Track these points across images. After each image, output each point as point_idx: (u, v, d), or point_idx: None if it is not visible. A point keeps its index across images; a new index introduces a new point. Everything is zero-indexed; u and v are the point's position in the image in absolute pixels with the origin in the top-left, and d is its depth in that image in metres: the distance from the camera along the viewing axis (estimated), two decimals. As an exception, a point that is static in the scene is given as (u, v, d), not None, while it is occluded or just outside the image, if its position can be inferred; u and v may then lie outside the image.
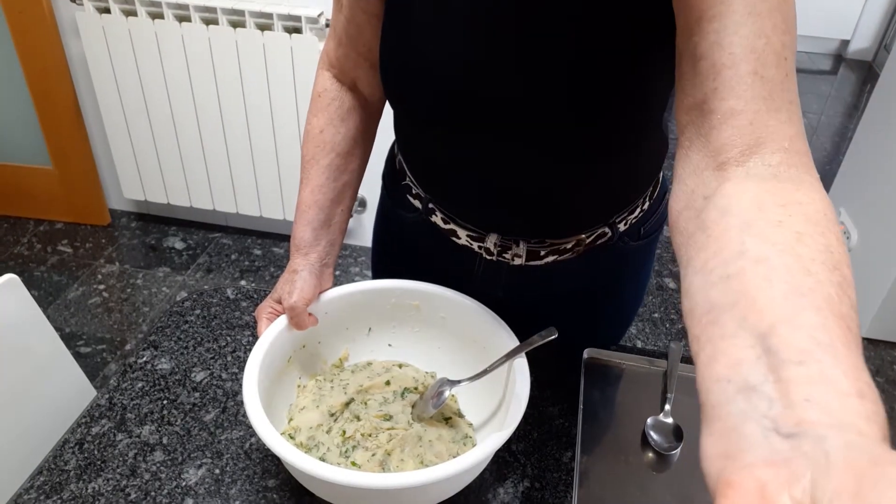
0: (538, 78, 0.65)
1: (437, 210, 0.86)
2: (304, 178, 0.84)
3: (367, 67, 0.81)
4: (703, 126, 0.51)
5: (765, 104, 0.48)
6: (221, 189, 2.34)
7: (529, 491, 0.77)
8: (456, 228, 0.85)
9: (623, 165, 0.77)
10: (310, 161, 0.83)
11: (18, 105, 2.32)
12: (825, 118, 3.67)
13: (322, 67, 0.85)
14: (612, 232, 0.83)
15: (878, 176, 2.20)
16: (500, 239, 0.83)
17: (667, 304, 2.26)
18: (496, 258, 0.85)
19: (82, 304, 2.19)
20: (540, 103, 0.66)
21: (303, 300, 0.79)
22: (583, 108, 0.65)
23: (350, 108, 0.84)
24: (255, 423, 0.67)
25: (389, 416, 0.80)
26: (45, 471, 0.77)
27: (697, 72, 0.51)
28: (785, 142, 0.48)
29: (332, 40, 0.82)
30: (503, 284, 0.89)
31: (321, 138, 0.83)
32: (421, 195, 0.87)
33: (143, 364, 0.92)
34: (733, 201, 0.46)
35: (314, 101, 0.84)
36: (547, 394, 0.89)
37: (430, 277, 0.87)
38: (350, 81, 0.84)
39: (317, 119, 0.84)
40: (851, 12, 4.19)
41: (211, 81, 2.11)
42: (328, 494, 0.70)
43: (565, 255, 0.83)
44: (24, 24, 2.13)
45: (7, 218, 2.58)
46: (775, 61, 0.49)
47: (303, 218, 0.83)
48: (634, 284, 0.96)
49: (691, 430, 0.86)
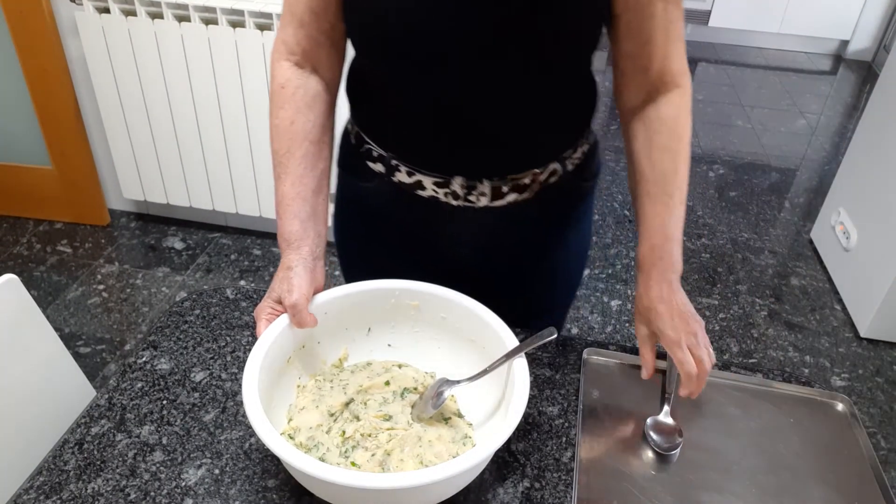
0: (492, 14, 0.73)
1: (401, 164, 0.88)
2: (282, 172, 0.84)
3: (328, 47, 0.85)
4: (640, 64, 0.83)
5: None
6: (221, 189, 2.34)
7: (529, 491, 0.77)
8: (421, 178, 0.88)
9: (567, 101, 0.87)
10: (285, 154, 0.84)
11: (18, 105, 2.31)
12: (825, 118, 3.67)
13: (279, 59, 0.86)
14: (563, 169, 0.90)
15: (877, 176, 2.20)
16: (465, 181, 0.87)
17: (666, 304, 2.26)
18: (463, 202, 0.88)
19: (82, 304, 2.19)
20: (494, 40, 0.74)
21: (303, 297, 0.80)
22: (533, 45, 0.75)
23: (315, 95, 0.86)
24: (255, 424, 0.67)
25: (389, 416, 0.80)
26: (44, 471, 0.77)
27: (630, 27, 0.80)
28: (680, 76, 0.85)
29: (290, 26, 0.84)
30: (469, 238, 0.92)
31: (293, 130, 0.84)
32: (383, 155, 0.89)
33: (143, 364, 0.91)
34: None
35: (277, 94, 0.85)
36: (547, 394, 0.89)
37: (399, 248, 0.91)
38: (311, 66, 0.86)
39: (284, 111, 0.85)
40: (851, 12, 4.20)
41: (210, 81, 2.11)
42: (328, 494, 0.70)
43: (525, 194, 0.89)
44: (24, 24, 2.13)
45: (7, 218, 2.58)
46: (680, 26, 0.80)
47: (288, 211, 0.84)
48: (577, 236, 1.02)
49: (691, 430, 0.86)
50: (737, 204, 2.88)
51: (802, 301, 2.35)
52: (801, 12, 4.23)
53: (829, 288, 2.41)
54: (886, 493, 0.80)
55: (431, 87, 0.80)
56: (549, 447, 0.82)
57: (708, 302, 2.30)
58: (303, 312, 0.79)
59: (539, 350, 0.96)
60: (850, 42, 4.33)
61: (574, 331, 2.13)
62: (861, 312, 2.21)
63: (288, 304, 0.79)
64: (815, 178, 3.12)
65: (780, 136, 3.46)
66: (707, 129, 3.47)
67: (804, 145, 3.38)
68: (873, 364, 2.10)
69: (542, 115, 0.85)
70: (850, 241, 2.29)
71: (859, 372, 2.07)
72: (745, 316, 2.26)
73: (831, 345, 2.17)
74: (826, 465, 0.83)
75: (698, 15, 4.35)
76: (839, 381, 2.03)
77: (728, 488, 0.79)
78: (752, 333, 2.19)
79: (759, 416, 0.89)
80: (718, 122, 3.56)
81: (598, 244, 2.54)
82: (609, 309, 2.23)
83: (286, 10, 0.83)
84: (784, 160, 3.24)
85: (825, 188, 2.82)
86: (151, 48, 2.08)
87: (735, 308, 2.29)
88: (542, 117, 0.85)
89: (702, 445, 0.84)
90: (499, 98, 0.80)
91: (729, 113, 3.66)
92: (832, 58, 4.44)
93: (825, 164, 3.23)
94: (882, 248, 2.11)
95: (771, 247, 2.62)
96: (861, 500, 0.79)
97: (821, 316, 2.29)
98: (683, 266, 0.85)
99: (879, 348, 2.16)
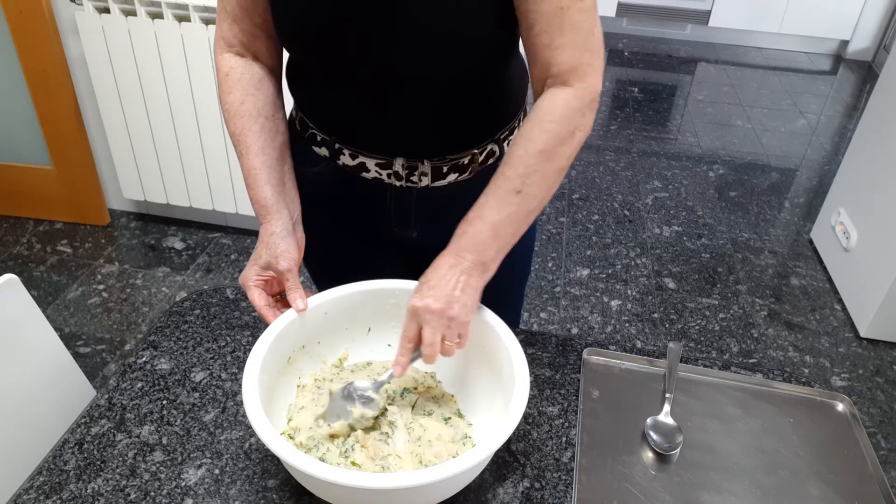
0: (417, 5, 0.73)
1: (344, 148, 0.90)
2: (243, 150, 0.86)
3: (265, 38, 0.87)
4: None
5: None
6: (221, 189, 2.34)
7: (529, 491, 0.77)
8: (364, 160, 0.89)
9: (499, 81, 0.87)
10: (242, 132, 0.86)
11: (18, 105, 2.31)
12: (824, 118, 3.67)
13: (220, 52, 0.88)
14: (499, 149, 0.92)
15: (877, 176, 2.20)
16: (406, 161, 0.88)
17: (666, 304, 2.26)
18: (405, 183, 0.90)
19: (82, 304, 2.19)
20: (408, 27, 0.74)
21: (293, 262, 0.82)
22: (454, 32, 0.75)
23: (260, 78, 0.88)
24: (255, 424, 0.67)
25: (386, 410, 0.80)
26: (44, 471, 0.77)
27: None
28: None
29: (225, 22, 0.86)
30: (415, 218, 0.94)
31: (244, 108, 0.86)
32: (326, 139, 0.91)
33: (143, 364, 0.91)
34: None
35: (223, 82, 0.87)
36: (547, 394, 0.89)
37: (345, 232, 0.93)
38: (252, 55, 0.88)
39: (232, 95, 0.87)
40: (851, 12, 4.20)
41: (210, 81, 2.11)
42: (328, 494, 0.70)
43: (465, 175, 0.91)
44: (23, 24, 2.13)
45: (7, 218, 2.58)
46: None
47: (257, 180, 0.85)
48: None
49: (691, 430, 0.86)
50: (737, 204, 2.88)
51: (802, 301, 2.35)
52: (801, 12, 4.23)
53: (829, 288, 2.41)
54: (886, 493, 0.80)
55: (359, 73, 0.81)
56: (549, 447, 0.82)
57: (708, 302, 2.30)
58: (295, 277, 0.81)
59: (539, 350, 0.96)
60: (850, 42, 4.33)
61: (574, 331, 2.13)
62: (861, 312, 2.21)
63: (281, 270, 0.81)
64: (815, 178, 3.12)
65: (780, 136, 3.46)
66: (707, 129, 3.47)
67: (804, 145, 3.38)
68: (873, 364, 2.10)
69: (472, 96, 0.85)
70: (850, 241, 2.29)
71: (859, 372, 2.07)
72: (745, 316, 2.26)
73: (831, 345, 2.17)
74: (826, 465, 0.83)
75: (698, 15, 4.35)
76: (839, 381, 2.03)
77: (728, 488, 0.79)
78: (752, 333, 2.19)
79: (759, 416, 0.89)
80: (718, 122, 3.56)
81: (598, 244, 2.54)
82: (609, 309, 2.23)
83: (220, 6, 0.86)
84: (784, 160, 3.24)
85: (825, 188, 2.82)
86: (151, 48, 2.07)
87: (735, 308, 2.29)
88: (472, 97, 0.85)
89: (702, 445, 0.84)
90: (426, 80, 0.81)
91: (729, 113, 3.66)
92: (832, 58, 4.44)
93: (825, 164, 3.23)
94: (882, 248, 2.11)
95: (771, 247, 2.62)
96: (861, 500, 0.79)
97: (821, 316, 2.29)
98: (684, 266, 0.83)
99: (879, 348, 2.16)
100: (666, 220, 2.71)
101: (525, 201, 0.78)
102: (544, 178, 0.77)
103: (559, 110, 0.76)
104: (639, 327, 2.16)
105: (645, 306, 2.25)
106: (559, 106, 0.76)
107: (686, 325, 2.19)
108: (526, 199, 0.77)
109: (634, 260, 2.46)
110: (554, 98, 0.77)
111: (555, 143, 0.76)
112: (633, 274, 2.40)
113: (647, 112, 3.62)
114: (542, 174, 0.77)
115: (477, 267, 0.77)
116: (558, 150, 0.77)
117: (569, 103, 0.76)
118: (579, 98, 0.76)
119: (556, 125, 0.76)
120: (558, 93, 0.77)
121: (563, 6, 0.72)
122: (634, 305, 2.25)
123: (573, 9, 0.72)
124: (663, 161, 3.17)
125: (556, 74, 0.76)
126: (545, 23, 0.73)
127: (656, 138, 3.37)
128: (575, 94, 0.76)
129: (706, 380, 0.94)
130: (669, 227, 2.66)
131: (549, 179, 0.78)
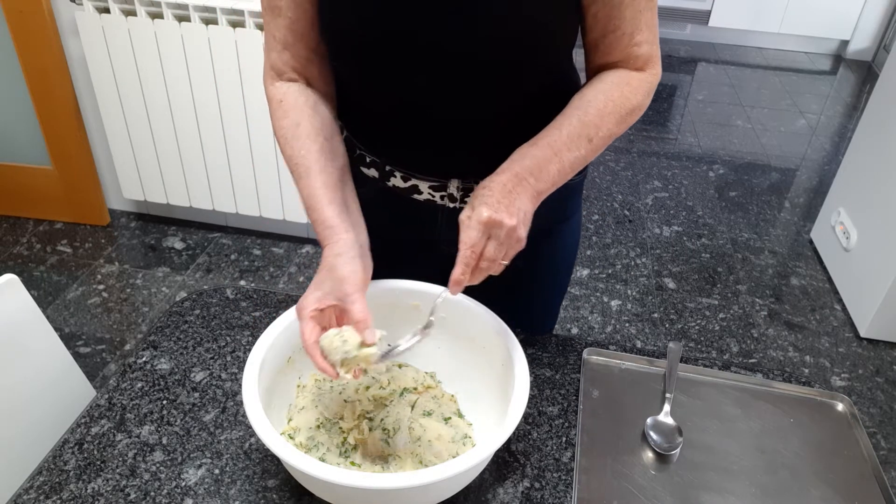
0: (475, 15, 0.71)
1: (396, 170, 0.88)
2: (302, 171, 0.80)
3: (318, 62, 0.84)
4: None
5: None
6: (221, 189, 2.34)
7: (529, 491, 0.77)
8: (417, 183, 0.88)
9: (549, 100, 0.84)
10: (300, 154, 0.80)
11: (18, 105, 2.31)
12: (825, 118, 3.67)
13: (270, 83, 0.84)
14: None
15: (877, 176, 2.20)
16: (462, 183, 0.87)
17: (666, 303, 2.26)
18: (459, 204, 0.88)
19: (82, 304, 2.19)
20: (479, 40, 0.73)
21: (359, 286, 0.74)
22: (515, 43, 0.73)
23: (316, 101, 0.84)
24: (255, 424, 0.67)
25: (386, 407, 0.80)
26: (44, 471, 0.77)
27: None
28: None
29: (274, 51, 0.82)
30: None
31: (301, 130, 0.81)
32: (376, 161, 0.89)
33: (143, 364, 0.91)
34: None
35: (277, 108, 0.83)
36: (547, 394, 0.89)
37: (388, 250, 0.87)
38: (305, 80, 0.84)
39: (288, 118, 0.82)
40: (851, 12, 4.20)
41: (210, 81, 2.11)
42: (328, 494, 0.70)
43: None
44: (23, 24, 2.13)
45: (7, 218, 2.58)
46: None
47: (320, 201, 0.78)
48: (568, 232, 1.00)
49: (691, 430, 0.86)
50: (737, 204, 2.88)
51: (802, 301, 2.35)
52: (801, 12, 4.23)
53: (829, 288, 2.41)
54: (886, 493, 0.80)
55: (411, 92, 0.79)
56: (549, 447, 0.82)
57: (708, 302, 2.30)
58: (364, 303, 0.73)
59: (539, 350, 0.96)
60: (850, 42, 4.33)
61: (574, 331, 2.13)
62: (861, 312, 2.21)
63: (347, 293, 0.72)
64: (815, 178, 3.12)
65: (780, 136, 3.46)
66: (707, 129, 3.47)
67: (804, 145, 3.38)
68: (873, 364, 2.10)
69: (526, 115, 0.83)
70: (850, 241, 2.29)
71: (859, 372, 2.07)
72: (745, 316, 2.26)
73: (831, 345, 2.17)
74: (826, 465, 0.83)
75: (698, 15, 4.35)
76: (839, 381, 2.03)
77: (728, 488, 0.79)
78: (752, 333, 2.19)
79: (759, 416, 0.89)
80: (718, 122, 3.56)
81: (598, 244, 2.54)
82: (609, 309, 2.23)
83: (267, 35, 0.82)
84: (784, 160, 3.24)
85: (825, 188, 2.82)
86: (151, 48, 2.07)
87: (735, 308, 2.29)
88: (526, 116, 0.83)
89: (702, 445, 0.84)
90: (479, 100, 0.79)
91: (729, 113, 3.66)
92: (832, 58, 4.44)
93: (825, 164, 3.23)
94: (882, 248, 2.11)
95: (771, 247, 2.62)
96: (861, 500, 0.79)
97: (821, 316, 2.29)
98: (684, 266, 0.83)
99: (879, 348, 2.16)
100: (666, 220, 2.71)
101: (590, 152, 0.78)
102: (607, 139, 0.79)
103: (637, 83, 0.80)
104: (639, 327, 2.16)
105: (645, 306, 2.25)
106: (637, 80, 0.80)
107: (686, 325, 2.19)
108: (592, 150, 0.78)
109: (634, 260, 2.46)
110: (630, 73, 0.80)
111: (627, 110, 0.80)
112: (633, 274, 2.40)
113: (647, 112, 3.61)
114: (610, 135, 0.79)
115: (535, 195, 0.75)
116: (627, 119, 0.81)
117: (644, 81, 0.81)
118: (649, 83, 0.81)
119: (634, 96, 0.80)
120: (633, 72, 0.80)
121: (640, 8, 0.77)
122: (634, 305, 2.25)
123: (649, 9, 0.78)
124: (663, 161, 3.17)
125: (632, 66, 0.81)
126: (630, 25, 0.77)
127: (656, 138, 3.37)
128: (647, 77, 0.81)
129: (706, 380, 0.94)
130: (669, 227, 2.66)
131: (607, 142, 0.80)
